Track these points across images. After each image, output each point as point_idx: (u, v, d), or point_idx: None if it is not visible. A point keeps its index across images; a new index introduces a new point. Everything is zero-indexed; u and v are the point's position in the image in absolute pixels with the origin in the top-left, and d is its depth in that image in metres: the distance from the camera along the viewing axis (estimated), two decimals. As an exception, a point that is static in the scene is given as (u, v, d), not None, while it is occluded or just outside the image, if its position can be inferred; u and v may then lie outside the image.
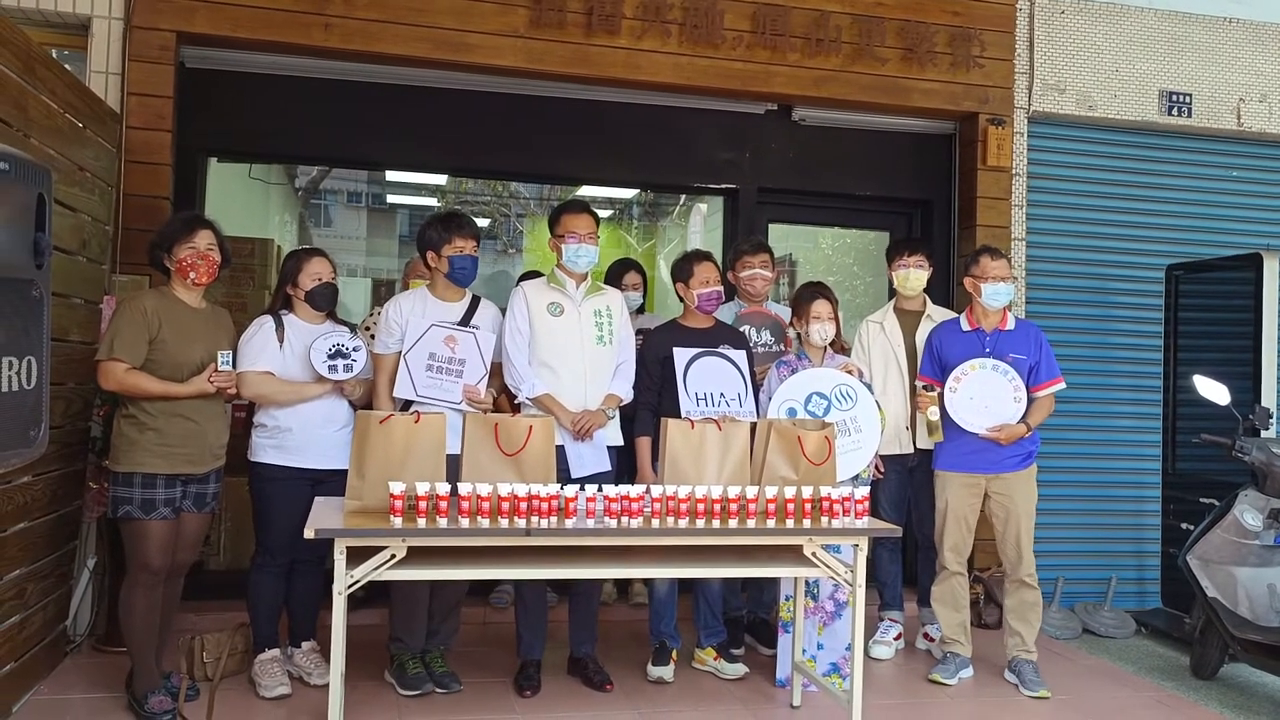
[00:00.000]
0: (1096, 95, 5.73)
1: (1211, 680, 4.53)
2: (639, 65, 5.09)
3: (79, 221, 3.99)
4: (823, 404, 4.03)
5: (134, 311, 3.51)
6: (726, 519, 3.29)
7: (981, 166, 5.54)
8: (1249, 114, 5.91)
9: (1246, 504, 4.22)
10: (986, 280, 4.21)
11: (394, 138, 5.11)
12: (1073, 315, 5.64)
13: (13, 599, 3.50)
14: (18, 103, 3.36)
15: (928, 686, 4.22)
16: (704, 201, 7.56)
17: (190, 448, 3.55)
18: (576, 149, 5.34)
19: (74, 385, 3.89)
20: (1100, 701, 4.15)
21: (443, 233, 3.90)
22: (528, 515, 3.12)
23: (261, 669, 3.85)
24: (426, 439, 3.33)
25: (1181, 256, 5.69)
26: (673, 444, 3.57)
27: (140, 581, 3.52)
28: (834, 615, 4.12)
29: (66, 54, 4.60)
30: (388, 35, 4.78)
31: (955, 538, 4.26)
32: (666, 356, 4.05)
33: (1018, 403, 4.13)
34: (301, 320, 3.89)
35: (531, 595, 3.99)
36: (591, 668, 4.04)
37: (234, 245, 4.14)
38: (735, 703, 3.94)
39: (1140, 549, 5.74)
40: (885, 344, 4.60)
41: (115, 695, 3.68)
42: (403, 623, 3.92)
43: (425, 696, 3.84)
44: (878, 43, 5.37)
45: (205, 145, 4.94)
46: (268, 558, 3.85)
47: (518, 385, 3.91)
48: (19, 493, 3.50)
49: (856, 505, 3.43)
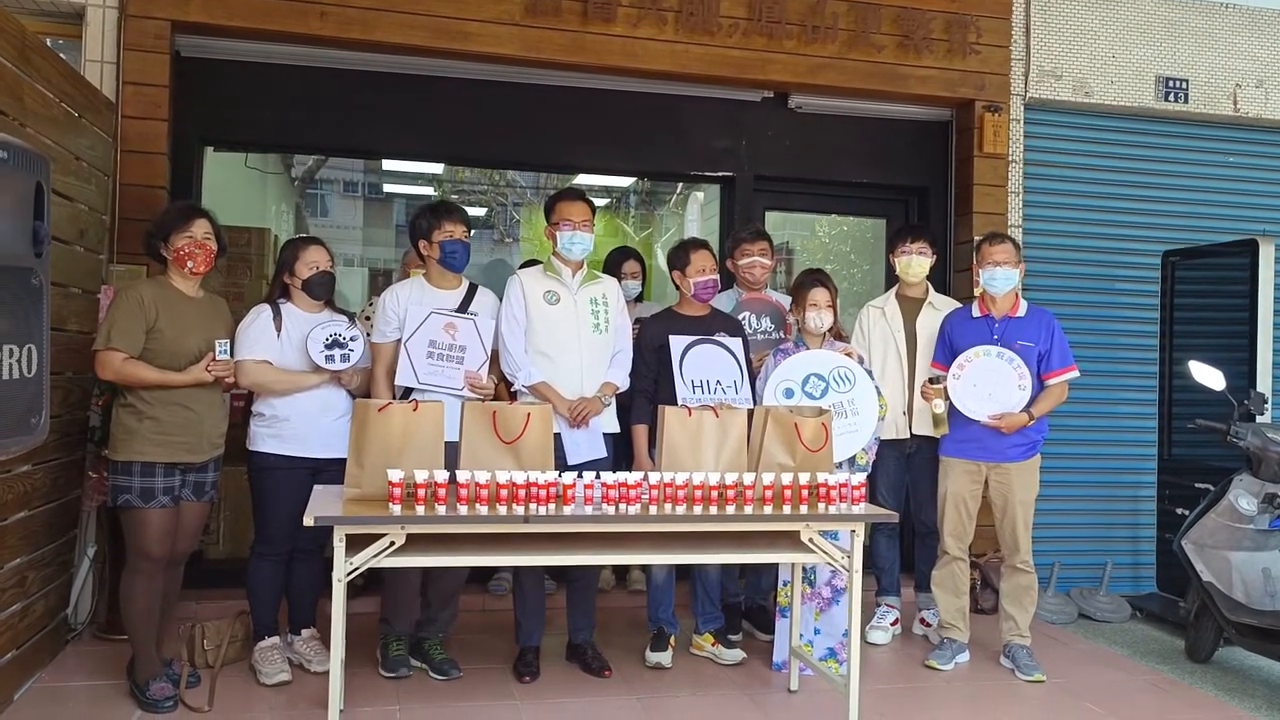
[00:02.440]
0: (1093, 81, 5.73)
1: (1206, 664, 4.57)
2: (635, 53, 5.08)
3: (76, 211, 3.99)
4: (820, 385, 4.04)
5: (131, 301, 3.51)
6: (724, 505, 3.30)
7: (978, 153, 5.54)
8: (1246, 100, 5.91)
9: (1241, 489, 4.24)
10: (984, 265, 4.22)
11: (390, 126, 5.10)
12: (1069, 302, 5.63)
13: (14, 587, 3.51)
14: (13, 92, 3.36)
15: (924, 671, 4.24)
16: (701, 190, 7.55)
17: (188, 436, 3.56)
18: (573, 137, 5.33)
19: (72, 375, 3.90)
20: (1095, 685, 4.18)
21: (432, 220, 3.93)
22: (526, 502, 3.14)
23: (262, 656, 3.87)
24: (425, 427, 3.34)
25: (1178, 243, 5.70)
26: (670, 431, 3.58)
27: (140, 569, 3.54)
28: (831, 601, 4.14)
29: (61, 43, 4.58)
30: (383, 23, 4.77)
31: (955, 523, 4.28)
32: (662, 344, 4.05)
33: (1022, 390, 4.11)
34: (299, 309, 3.89)
35: (530, 582, 4.01)
36: (590, 654, 4.07)
37: (231, 235, 4.15)
38: (733, 688, 3.96)
39: (1135, 534, 5.77)
40: (885, 330, 4.61)
41: (116, 682, 3.70)
42: (391, 606, 3.96)
43: (425, 682, 3.86)
44: (874, 29, 5.36)
45: (201, 134, 4.92)
46: (267, 546, 3.87)
47: (514, 373, 3.91)
48: (19, 481, 3.52)
49: (854, 491, 3.44)
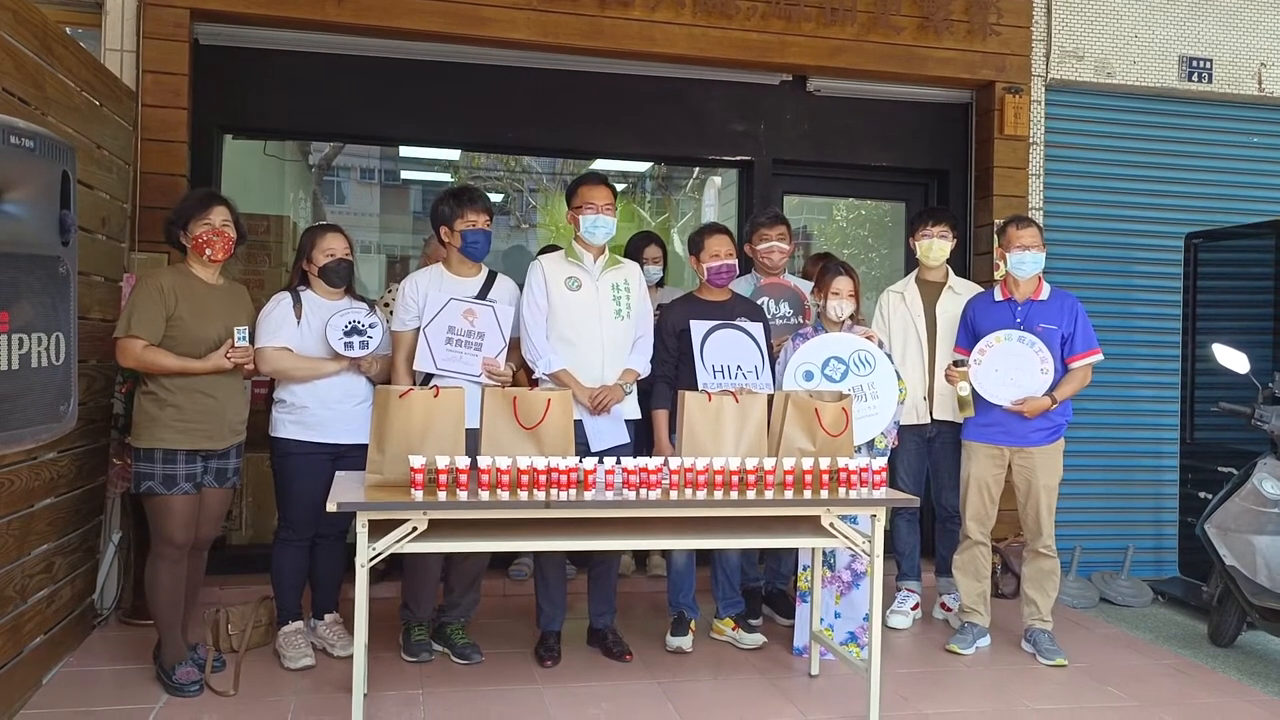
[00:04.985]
0: (1115, 62, 5.66)
1: (1229, 648, 4.54)
2: (653, 37, 5.06)
3: (97, 200, 4.01)
4: (840, 368, 4.03)
5: (150, 289, 3.53)
6: (744, 490, 3.30)
7: (999, 136, 5.49)
8: (1270, 79, 5.82)
9: (1266, 472, 4.21)
10: (1012, 249, 4.18)
11: (408, 113, 5.10)
12: (1091, 285, 5.59)
13: (41, 573, 3.56)
14: (36, 81, 3.37)
15: (945, 656, 4.24)
16: (719, 174, 7.53)
17: (209, 423, 3.59)
18: (590, 122, 5.31)
19: (96, 363, 3.93)
20: (1118, 669, 4.16)
21: (455, 207, 3.90)
22: (547, 488, 3.14)
23: (286, 641, 3.90)
24: (446, 413, 3.34)
25: (1201, 225, 5.63)
26: (690, 416, 3.58)
27: (164, 555, 3.57)
28: (851, 585, 4.14)
29: (81, 32, 4.60)
30: (400, 9, 4.77)
31: (977, 507, 4.26)
32: (683, 330, 4.05)
33: (1045, 374, 4.09)
34: (319, 296, 3.90)
35: (550, 567, 4.02)
36: (611, 639, 4.08)
37: (250, 222, 4.16)
38: (754, 672, 3.97)
39: (1158, 518, 5.74)
40: (905, 314, 4.59)
41: (143, 667, 3.75)
42: (413, 591, 3.99)
43: (447, 666, 3.89)
44: (893, 11, 5.31)
45: (220, 122, 4.94)
46: (290, 532, 3.90)
47: (534, 360, 3.91)
48: (46, 468, 3.55)
49: (874, 476, 3.44)
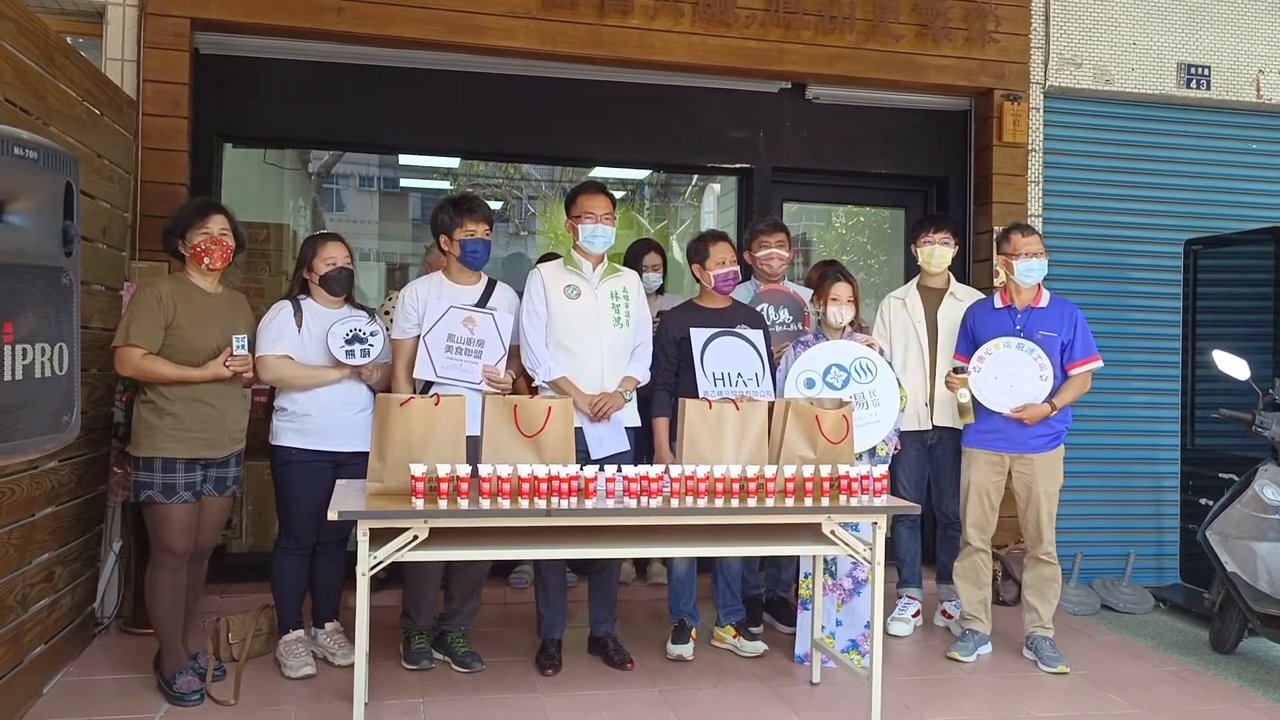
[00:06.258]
0: (1113, 69, 5.68)
1: (1230, 654, 4.54)
2: (652, 45, 5.07)
3: (98, 209, 4.02)
4: (842, 376, 4.03)
5: (149, 297, 3.53)
6: (745, 498, 3.30)
7: (997, 143, 5.51)
8: (1269, 86, 5.84)
9: (1267, 479, 4.21)
10: (1018, 257, 4.16)
11: (407, 121, 5.11)
12: (1090, 291, 5.60)
13: (42, 582, 3.55)
14: (37, 91, 3.38)
15: (946, 663, 4.24)
16: (717, 181, 7.54)
17: (208, 432, 3.59)
18: (590, 130, 5.32)
19: (96, 371, 3.93)
20: (1119, 676, 4.16)
21: (454, 216, 3.90)
22: (548, 496, 3.14)
23: (286, 650, 3.90)
24: (446, 421, 3.34)
25: (1200, 231, 5.64)
26: (691, 424, 3.58)
27: (164, 564, 3.57)
28: (852, 592, 4.13)
29: (81, 41, 4.61)
30: (399, 19, 4.78)
31: (978, 514, 4.26)
32: (683, 337, 4.05)
33: (1044, 381, 4.08)
34: (319, 305, 3.91)
35: (551, 575, 4.02)
36: (612, 646, 4.08)
37: (249, 230, 4.17)
38: (755, 680, 3.96)
39: (1159, 524, 5.74)
40: (906, 320, 4.59)
41: (143, 676, 3.74)
42: (413, 600, 3.98)
43: (448, 675, 3.88)
44: (892, 19, 5.33)
45: (220, 131, 4.95)
46: (291, 540, 3.89)
47: (534, 368, 3.91)
48: (47, 478, 3.55)
49: (875, 483, 3.43)
